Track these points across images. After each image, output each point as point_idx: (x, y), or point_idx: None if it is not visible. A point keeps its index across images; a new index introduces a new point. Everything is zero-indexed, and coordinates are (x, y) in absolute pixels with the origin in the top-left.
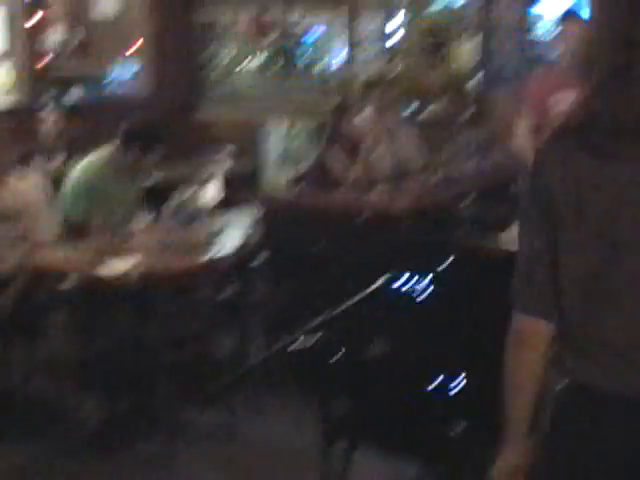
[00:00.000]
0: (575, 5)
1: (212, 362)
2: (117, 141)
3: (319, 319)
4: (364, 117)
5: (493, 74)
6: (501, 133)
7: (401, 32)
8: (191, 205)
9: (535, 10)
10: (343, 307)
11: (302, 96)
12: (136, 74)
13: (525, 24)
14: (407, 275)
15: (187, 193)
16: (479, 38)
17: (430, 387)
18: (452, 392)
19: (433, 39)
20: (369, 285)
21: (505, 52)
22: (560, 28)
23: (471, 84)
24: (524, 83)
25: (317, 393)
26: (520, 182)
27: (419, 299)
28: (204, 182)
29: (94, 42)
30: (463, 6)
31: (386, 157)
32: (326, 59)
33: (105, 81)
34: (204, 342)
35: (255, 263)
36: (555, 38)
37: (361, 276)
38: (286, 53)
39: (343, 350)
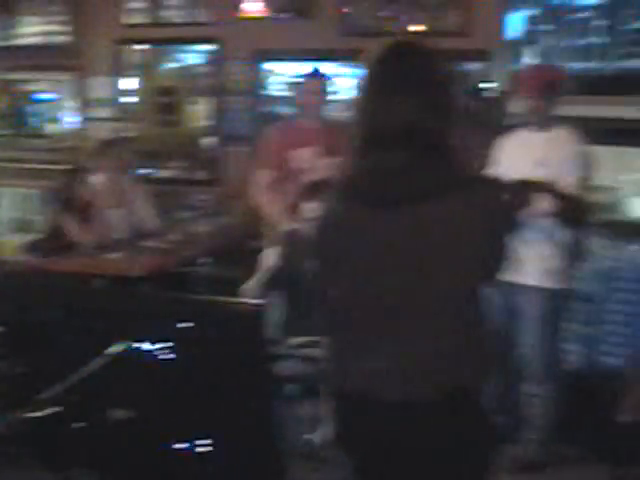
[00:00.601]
0: (315, 68)
1: None
2: None
3: (57, 388)
4: (98, 179)
5: (227, 132)
6: (236, 191)
7: (135, 93)
8: None
9: (267, 67)
10: (82, 375)
11: (34, 159)
12: None
13: (257, 81)
14: (148, 337)
15: None
16: (213, 97)
17: (177, 450)
18: (200, 454)
19: (166, 99)
20: (108, 351)
21: (239, 110)
22: (301, 85)
23: (205, 143)
24: (261, 137)
25: (59, 463)
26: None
27: (161, 361)
28: None
29: None
30: (195, 66)
31: (122, 219)
32: (59, 122)
33: None
34: None
35: None
36: (293, 94)
37: (100, 342)
38: (17, 116)
39: (85, 418)
